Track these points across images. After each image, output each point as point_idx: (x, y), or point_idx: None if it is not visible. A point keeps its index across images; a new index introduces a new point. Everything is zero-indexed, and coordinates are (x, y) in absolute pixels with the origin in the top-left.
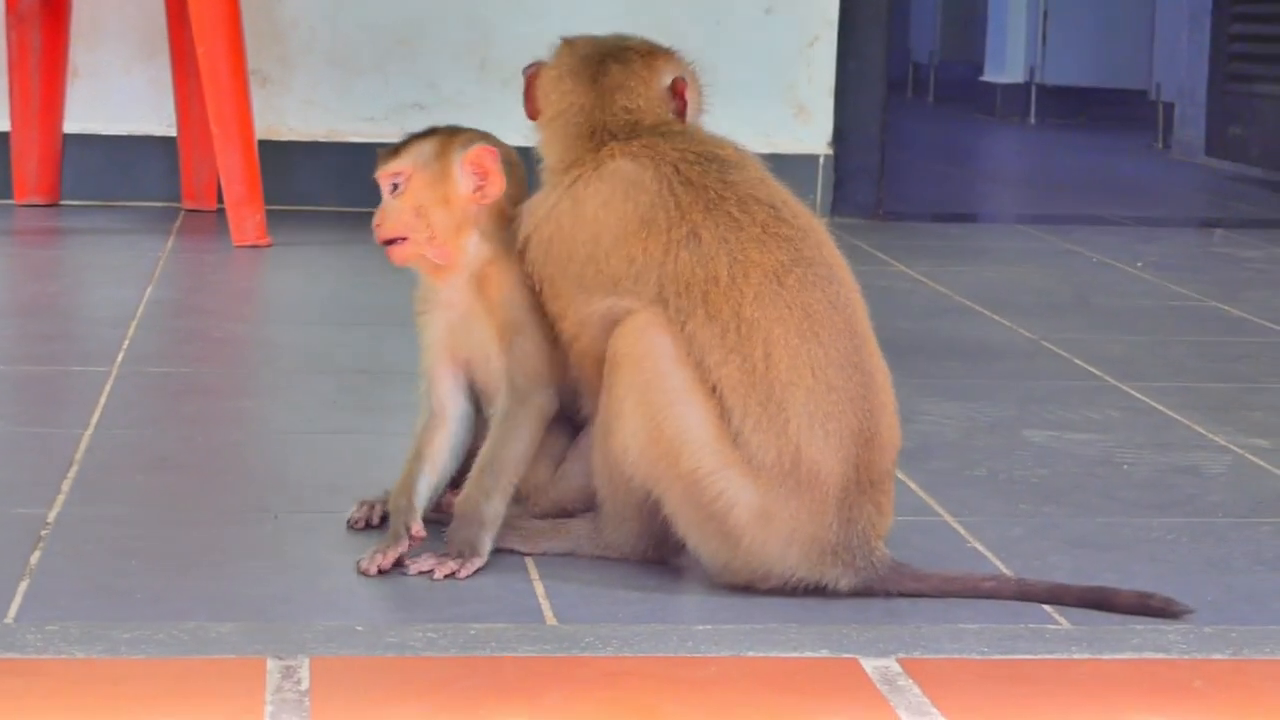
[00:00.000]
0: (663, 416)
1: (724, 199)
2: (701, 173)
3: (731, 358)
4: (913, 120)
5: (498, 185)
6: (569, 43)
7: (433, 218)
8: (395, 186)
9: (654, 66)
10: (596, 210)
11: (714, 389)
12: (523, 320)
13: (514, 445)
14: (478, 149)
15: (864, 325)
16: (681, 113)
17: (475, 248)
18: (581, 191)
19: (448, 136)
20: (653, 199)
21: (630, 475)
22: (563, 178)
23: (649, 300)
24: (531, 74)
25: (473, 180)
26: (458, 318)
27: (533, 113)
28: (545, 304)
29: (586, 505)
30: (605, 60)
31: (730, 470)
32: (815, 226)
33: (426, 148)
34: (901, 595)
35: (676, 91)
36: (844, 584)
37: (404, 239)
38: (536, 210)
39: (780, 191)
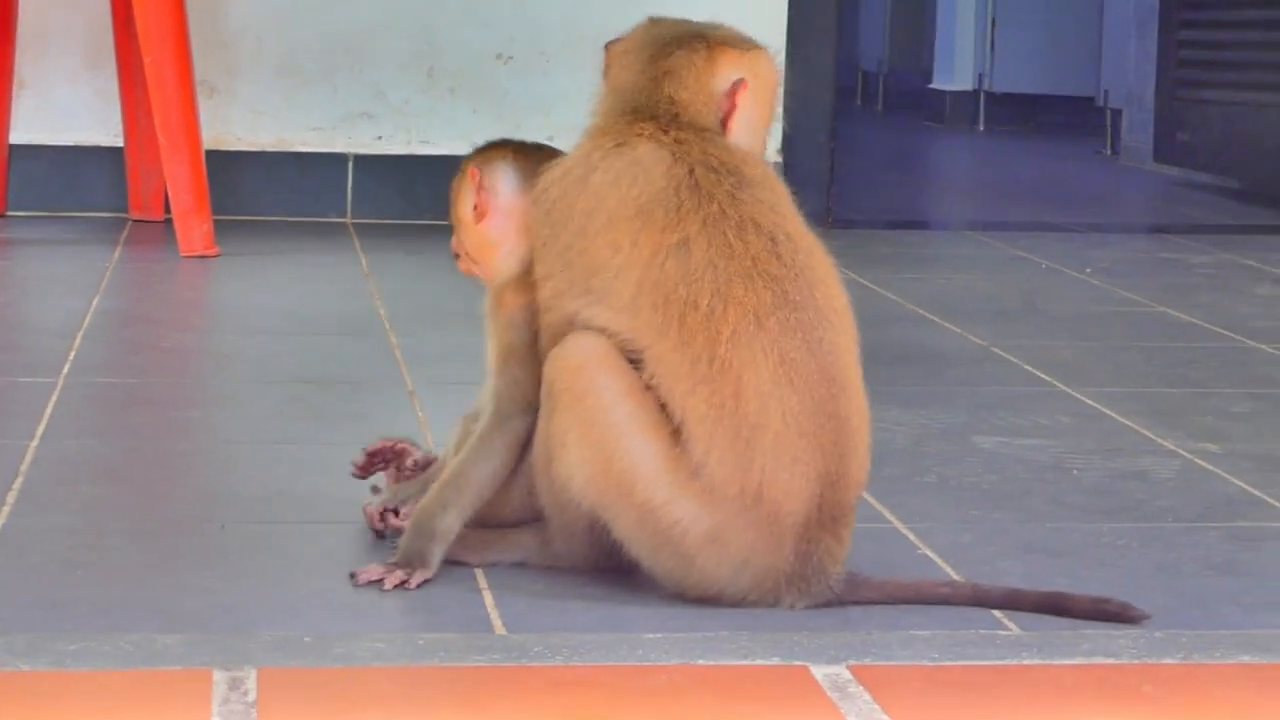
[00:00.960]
0: (611, 451)
1: (725, 216)
2: (715, 182)
3: (700, 389)
4: (862, 128)
5: (487, 204)
6: (652, 21)
7: (460, 235)
8: None
9: (717, 62)
10: (602, 184)
11: (674, 415)
12: (521, 346)
13: (484, 465)
14: (471, 166)
15: (845, 370)
16: (727, 117)
17: (504, 265)
18: (598, 162)
19: (477, 153)
20: (657, 192)
21: (578, 502)
22: (591, 144)
23: (620, 307)
24: (608, 46)
25: (474, 198)
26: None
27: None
28: (534, 262)
29: (527, 516)
30: (671, 44)
31: (685, 499)
32: (814, 265)
33: (463, 165)
34: (855, 604)
35: (731, 95)
36: (799, 606)
37: (457, 255)
38: (554, 170)
39: (787, 222)
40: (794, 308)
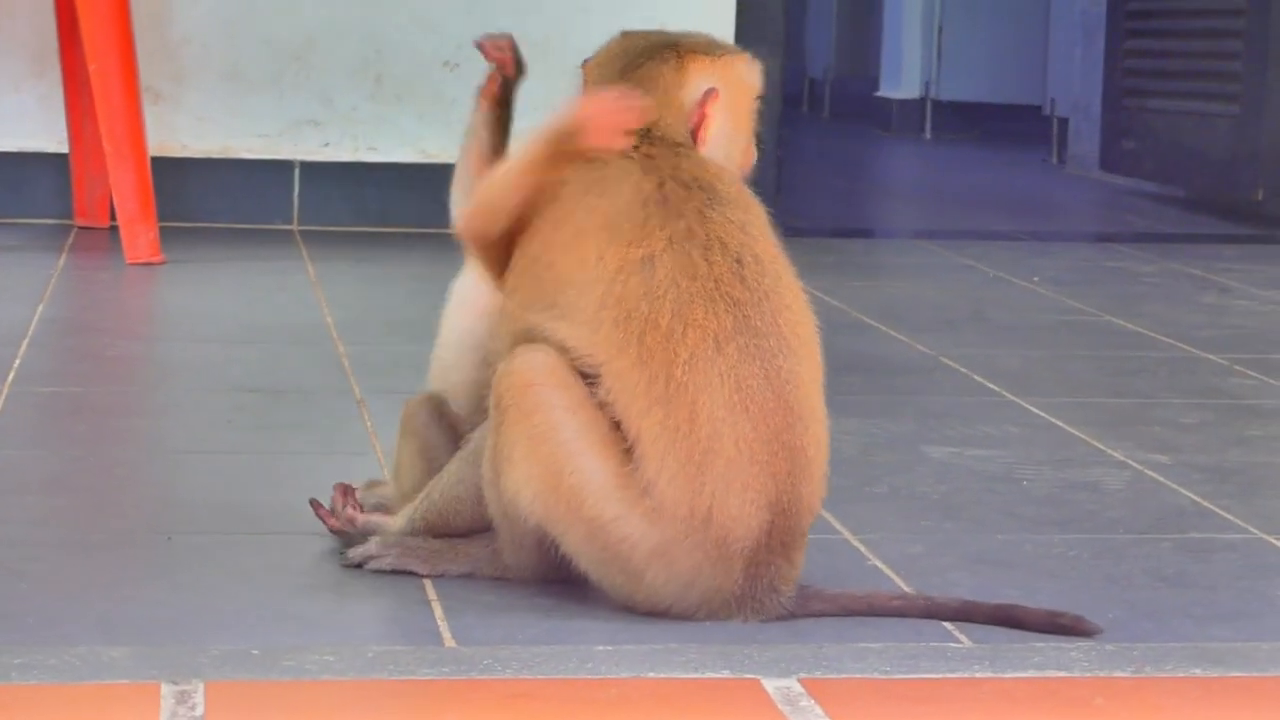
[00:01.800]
0: (560, 466)
1: (692, 235)
2: (685, 198)
3: (655, 409)
4: (809, 136)
5: None
6: (625, 34)
7: None
8: None
9: (687, 71)
10: (570, 196)
11: (628, 433)
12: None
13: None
14: None
15: (803, 399)
16: (698, 127)
17: None
18: (567, 174)
19: None
20: (624, 206)
21: (525, 516)
22: None
23: (582, 321)
24: (584, 65)
25: None
26: None
27: None
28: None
29: (479, 527)
30: (640, 55)
31: (633, 515)
32: (781, 288)
33: None
34: (808, 616)
35: (701, 105)
36: (750, 621)
37: None
38: None
39: (756, 244)
40: (755, 334)
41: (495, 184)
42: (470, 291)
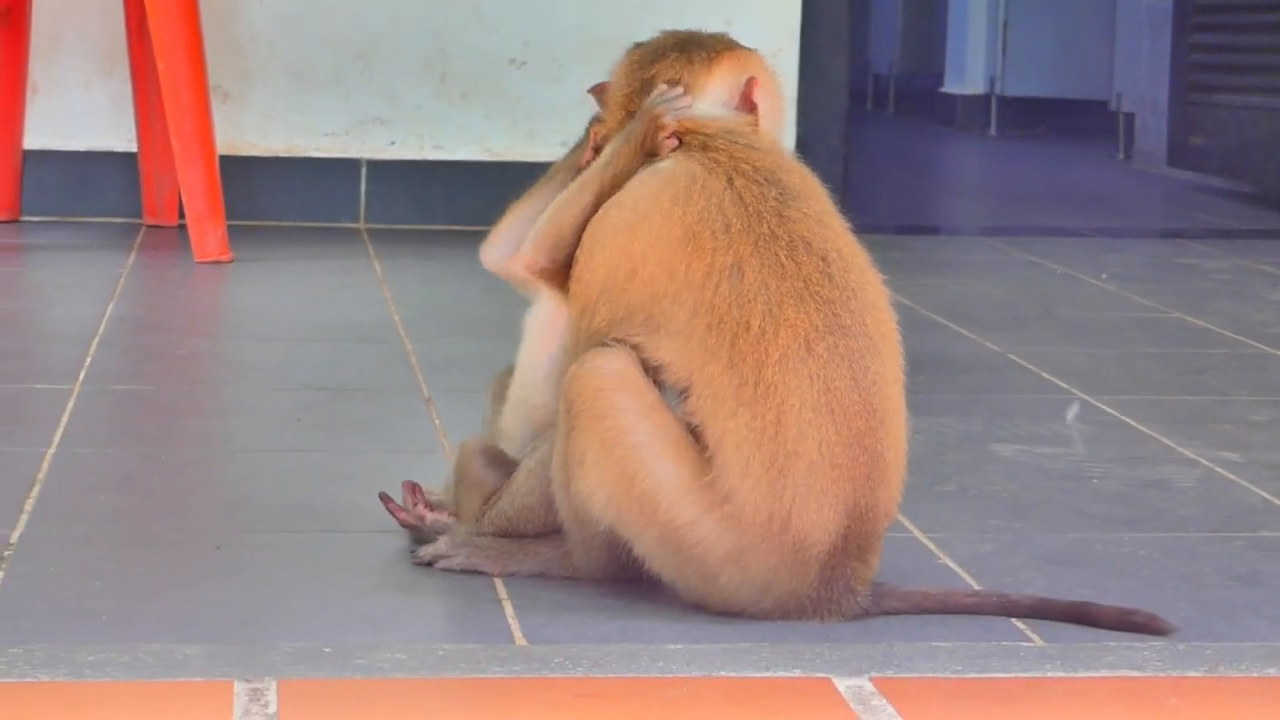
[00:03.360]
0: (633, 471)
1: (776, 237)
2: (759, 196)
3: (742, 412)
4: (874, 132)
5: None
6: (636, 47)
7: None
8: None
9: (720, 64)
10: (638, 200)
11: (710, 439)
12: None
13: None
14: None
15: (886, 402)
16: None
17: None
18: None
19: None
20: (701, 211)
21: (597, 519)
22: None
23: (675, 331)
24: (599, 89)
25: None
26: None
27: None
28: (574, 281)
29: (548, 528)
30: (666, 55)
31: (709, 518)
32: (865, 284)
33: None
34: (882, 614)
35: (747, 93)
36: (826, 622)
37: None
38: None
39: (837, 236)
40: (844, 333)
41: (561, 209)
42: (549, 323)
